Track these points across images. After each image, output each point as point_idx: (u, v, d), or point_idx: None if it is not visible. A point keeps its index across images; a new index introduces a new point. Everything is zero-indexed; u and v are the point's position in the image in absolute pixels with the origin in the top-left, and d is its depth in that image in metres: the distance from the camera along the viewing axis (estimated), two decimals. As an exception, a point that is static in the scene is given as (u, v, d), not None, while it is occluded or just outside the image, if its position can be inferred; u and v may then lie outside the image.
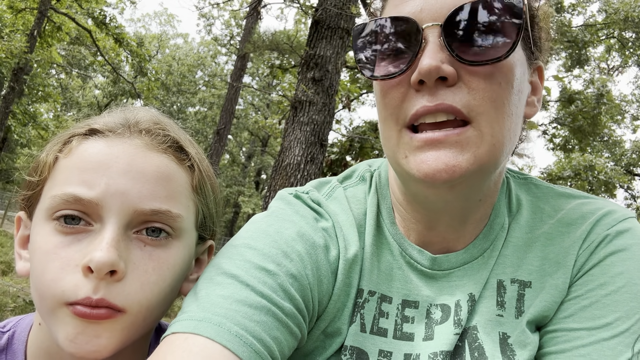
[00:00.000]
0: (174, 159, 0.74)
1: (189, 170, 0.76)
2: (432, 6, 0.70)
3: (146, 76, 17.18)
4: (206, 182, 0.79)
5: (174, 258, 0.72)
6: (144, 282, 0.68)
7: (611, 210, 0.81)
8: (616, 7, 14.44)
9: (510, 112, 0.71)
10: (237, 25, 27.25)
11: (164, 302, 0.72)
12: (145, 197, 0.68)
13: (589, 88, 15.59)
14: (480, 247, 0.82)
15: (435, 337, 0.79)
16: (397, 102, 0.72)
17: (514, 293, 0.80)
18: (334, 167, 10.22)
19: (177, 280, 0.74)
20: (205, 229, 0.81)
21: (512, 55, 0.70)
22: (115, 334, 0.66)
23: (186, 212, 0.74)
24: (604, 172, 15.62)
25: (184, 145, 0.76)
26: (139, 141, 0.71)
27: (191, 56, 35.24)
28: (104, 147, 0.70)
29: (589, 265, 0.77)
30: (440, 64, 0.67)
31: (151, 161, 0.70)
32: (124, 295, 0.66)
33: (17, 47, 13.29)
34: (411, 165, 0.70)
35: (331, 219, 0.84)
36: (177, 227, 0.72)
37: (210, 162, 0.85)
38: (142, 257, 0.69)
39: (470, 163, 0.67)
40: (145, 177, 0.69)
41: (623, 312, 0.72)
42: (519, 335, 0.77)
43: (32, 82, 18.04)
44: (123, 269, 0.65)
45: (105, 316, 0.64)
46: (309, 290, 0.74)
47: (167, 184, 0.71)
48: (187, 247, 0.76)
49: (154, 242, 0.70)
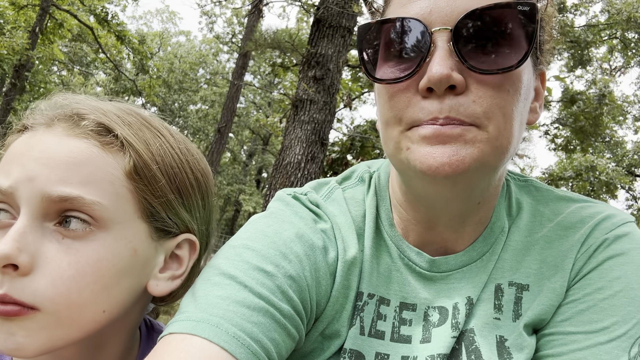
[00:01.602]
0: (97, 143, 0.69)
1: (121, 154, 0.70)
2: (442, 9, 0.68)
3: (148, 74, 17.19)
4: (150, 167, 0.71)
5: (97, 252, 0.65)
6: (56, 277, 0.63)
7: (610, 214, 0.81)
8: (619, 7, 14.41)
9: (517, 118, 0.70)
10: (239, 23, 27.23)
11: (95, 300, 0.66)
12: (54, 182, 0.64)
13: (591, 88, 15.56)
14: (479, 250, 0.82)
15: (432, 339, 0.79)
16: (403, 106, 0.70)
17: (512, 296, 0.80)
18: (335, 166, 10.22)
19: (117, 277, 0.68)
20: (164, 221, 0.74)
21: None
22: (34, 332, 0.62)
23: (113, 199, 0.67)
24: (605, 172, 15.61)
25: (111, 128, 0.70)
26: (59, 129, 0.69)
27: (193, 54, 35.24)
28: (26, 138, 0.69)
29: (586, 269, 0.77)
30: (450, 71, 0.65)
31: (65, 147, 0.67)
32: (30, 292, 0.61)
33: (19, 44, 13.30)
34: (415, 156, 0.68)
35: (330, 220, 0.84)
36: (98, 217, 0.66)
37: (186, 149, 0.79)
38: (58, 250, 0.64)
39: (473, 159, 0.66)
40: (55, 162, 0.65)
41: (620, 316, 0.72)
42: (516, 338, 0.77)
43: (34, 79, 18.07)
44: (26, 264, 0.61)
45: (15, 313, 0.61)
46: (307, 292, 0.74)
47: (81, 169, 0.66)
48: (124, 240, 0.68)
49: (71, 234, 0.65)
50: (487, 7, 0.66)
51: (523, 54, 0.67)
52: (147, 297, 0.78)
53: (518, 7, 0.66)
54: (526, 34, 0.67)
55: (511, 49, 0.67)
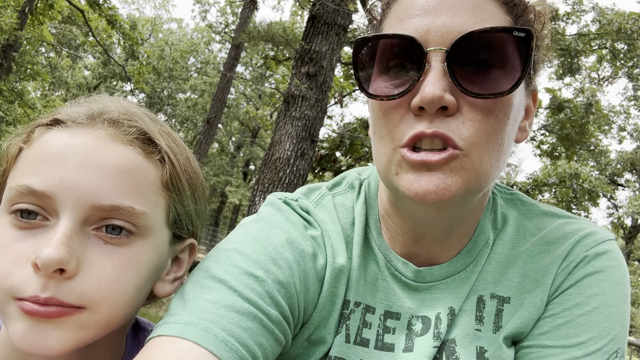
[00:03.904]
0: (141, 152, 0.69)
1: (159, 164, 0.71)
2: (439, 29, 0.68)
3: (137, 60, 16.96)
4: (181, 178, 0.73)
5: (138, 257, 0.68)
6: (102, 280, 0.64)
7: (592, 231, 0.83)
8: (610, 18, 14.58)
9: (502, 142, 0.71)
10: (233, 13, 26.98)
11: (129, 302, 0.68)
12: (105, 191, 0.64)
13: (579, 97, 15.76)
14: (463, 262, 0.84)
15: (414, 348, 0.81)
16: (395, 123, 0.72)
17: (493, 308, 0.82)
18: (323, 162, 10.23)
19: (145, 281, 0.70)
20: (181, 227, 0.76)
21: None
22: (68, 333, 0.63)
23: (153, 209, 0.69)
24: (588, 180, 15.85)
25: (153, 137, 0.71)
26: (102, 132, 0.67)
27: (184, 42, 34.83)
28: (64, 137, 0.66)
29: (566, 284, 0.79)
30: (443, 93, 0.66)
31: (113, 153, 0.66)
32: (77, 294, 0.63)
33: (8, 24, 13.02)
34: (403, 183, 0.70)
35: (320, 227, 0.85)
36: (142, 225, 0.67)
37: (194, 155, 0.80)
38: (101, 254, 0.65)
39: (458, 187, 0.68)
40: (105, 171, 0.64)
41: (596, 332, 0.74)
42: (495, 350, 0.79)
43: (21, 60, 17.70)
44: (73, 268, 0.62)
45: (57, 314, 0.62)
46: (296, 298, 0.75)
47: (131, 177, 0.66)
48: (156, 247, 0.71)
49: (115, 241, 0.66)
50: (484, 31, 0.67)
51: (516, 79, 0.68)
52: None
53: (514, 32, 0.67)
54: (521, 60, 0.68)
55: (504, 74, 0.68)
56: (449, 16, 0.69)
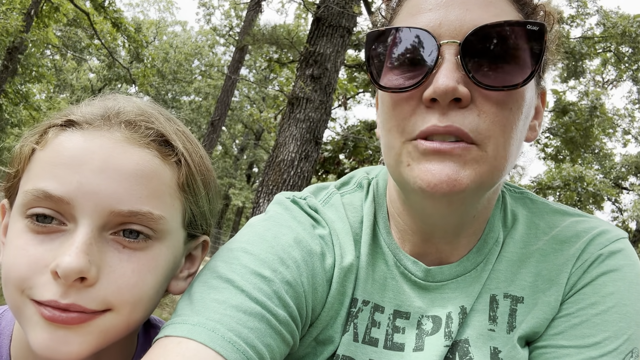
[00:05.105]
0: (158, 154, 0.67)
1: (176, 166, 0.70)
2: (452, 22, 0.68)
3: (142, 62, 17.03)
4: (196, 179, 0.73)
5: (155, 260, 0.68)
6: (122, 285, 0.64)
7: (605, 230, 0.82)
8: (614, 21, 14.55)
9: (516, 137, 0.71)
10: (237, 16, 27.07)
11: (148, 304, 0.69)
12: (123, 197, 0.63)
13: (583, 100, 15.72)
14: (473, 261, 0.83)
15: (425, 348, 0.80)
16: (406, 115, 0.71)
17: (507, 308, 0.81)
18: (327, 165, 10.22)
19: (163, 282, 0.71)
20: (196, 227, 0.76)
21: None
22: (90, 337, 0.63)
23: (170, 212, 0.69)
24: (592, 184, 15.80)
25: (170, 139, 0.70)
26: (119, 134, 0.65)
27: (189, 45, 34.97)
28: (80, 140, 0.64)
29: (581, 284, 0.79)
30: (456, 84, 0.66)
31: (130, 157, 0.64)
32: (99, 300, 0.63)
33: (13, 26, 13.10)
34: (415, 173, 0.69)
35: (328, 226, 0.84)
36: (159, 229, 0.67)
37: (206, 154, 0.79)
38: (120, 259, 0.64)
39: (471, 180, 0.67)
40: (123, 176, 0.63)
41: (612, 332, 0.73)
42: (509, 350, 0.78)
43: (26, 62, 17.81)
44: (94, 275, 0.61)
45: (78, 320, 0.61)
46: (304, 298, 0.74)
47: (149, 182, 0.65)
48: (172, 248, 0.71)
49: (133, 245, 0.65)
50: (497, 24, 0.66)
51: (529, 72, 0.67)
52: None
53: (527, 26, 0.67)
54: (533, 53, 0.68)
55: (518, 67, 0.68)
56: (462, 10, 0.68)
